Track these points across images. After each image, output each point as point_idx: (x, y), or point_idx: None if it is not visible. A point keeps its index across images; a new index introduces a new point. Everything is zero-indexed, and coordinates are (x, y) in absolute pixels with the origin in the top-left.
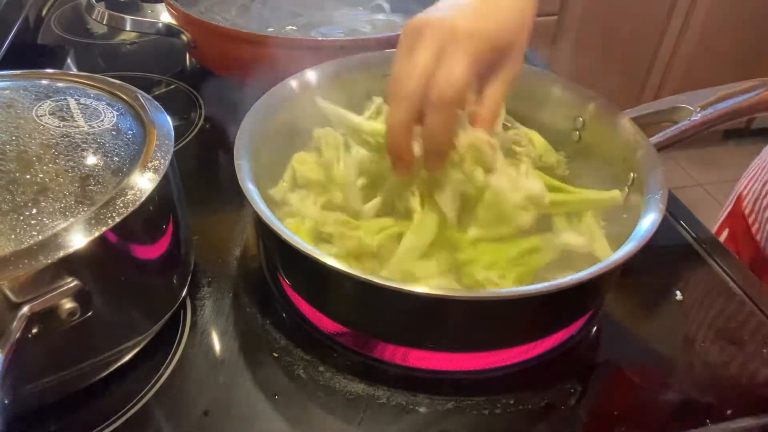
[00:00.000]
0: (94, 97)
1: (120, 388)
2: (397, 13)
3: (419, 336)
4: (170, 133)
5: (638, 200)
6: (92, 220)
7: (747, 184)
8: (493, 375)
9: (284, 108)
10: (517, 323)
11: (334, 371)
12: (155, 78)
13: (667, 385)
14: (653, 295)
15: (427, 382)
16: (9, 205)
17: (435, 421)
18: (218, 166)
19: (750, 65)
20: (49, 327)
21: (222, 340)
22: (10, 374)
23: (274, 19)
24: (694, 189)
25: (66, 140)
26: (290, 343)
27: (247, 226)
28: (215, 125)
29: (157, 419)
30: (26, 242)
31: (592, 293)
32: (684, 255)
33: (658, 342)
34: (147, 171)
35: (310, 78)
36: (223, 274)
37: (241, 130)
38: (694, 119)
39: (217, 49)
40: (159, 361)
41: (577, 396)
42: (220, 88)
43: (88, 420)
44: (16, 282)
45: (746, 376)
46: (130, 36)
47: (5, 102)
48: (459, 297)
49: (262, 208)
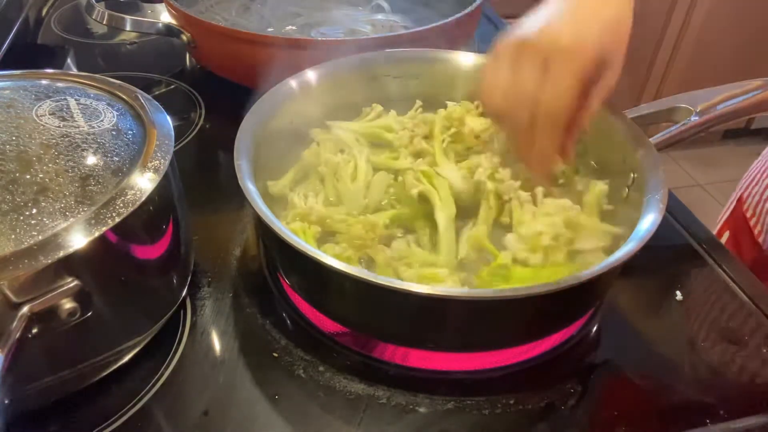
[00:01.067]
0: (94, 97)
1: (120, 388)
2: (397, 13)
3: (419, 336)
4: (170, 133)
5: (638, 200)
6: (92, 220)
7: (747, 186)
8: (493, 375)
9: (284, 108)
10: (517, 323)
11: (334, 371)
12: (155, 78)
13: (668, 385)
14: (653, 295)
15: (427, 382)
16: (9, 205)
17: (435, 421)
18: (218, 166)
19: (750, 65)
20: (49, 327)
21: (222, 340)
22: (10, 374)
23: (274, 19)
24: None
25: (66, 140)
26: (290, 343)
27: (247, 226)
28: (215, 125)
29: (157, 419)
30: (26, 242)
31: (592, 293)
32: (684, 255)
33: (658, 342)
34: (147, 171)
35: (310, 78)
36: (223, 274)
37: (241, 130)
38: (694, 119)
39: (217, 49)
40: (159, 361)
41: (577, 396)
42: (220, 88)
43: (88, 420)
44: (16, 282)
45: (746, 376)
46: (130, 36)
47: (5, 102)
48: (459, 297)
49: (262, 208)
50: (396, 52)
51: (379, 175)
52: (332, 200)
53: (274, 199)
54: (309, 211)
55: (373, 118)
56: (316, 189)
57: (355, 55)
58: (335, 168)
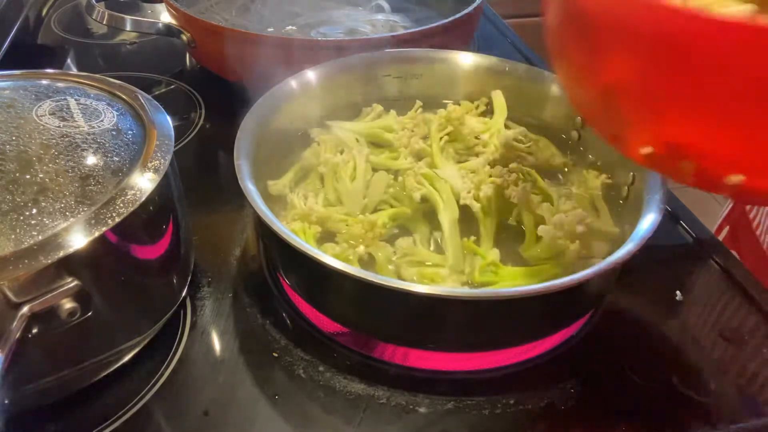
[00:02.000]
0: (94, 97)
1: (120, 388)
2: (397, 13)
3: (419, 336)
4: (170, 133)
5: (638, 200)
6: (92, 220)
7: None
8: (493, 375)
9: (284, 108)
10: (517, 323)
11: (334, 371)
12: (155, 78)
13: (668, 385)
14: (653, 295)
15: (427, 382)
16: (9, 205)
17: (435, 421)
18: (218, 166)
19: None
20: (49, 327)
21: (222, 340)
22: (10, 374)
23: (274, 19)
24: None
25: (66, 140)
26: (290, 343)
27: (247, 226)
28: (215, 125)
29: (157, 419)
30: (26, 242)
31: (592, 293)
32: (684, 255)
33: (658, 342)
34: (147, 171)
35: (310, 78)
36: (223, 274)
37: (241, 130)
38: None
39: (217, 49)
40: (159, 361)
41: (577, 396)
42: (220, 88)
43: (88, 420)
44: (16, 282)
45: (746, 376)
46: (130, 36)
47: (5, 102)
48: (459, 297)
49: (262, 208)
50: (396, 52)
51: (379, 174)
52: (332, 200)
53: (274, 199)
54: (309, 211)
55: (373, 118)
56: (316, 189)
57: (355, 55)
58: (335, 168)
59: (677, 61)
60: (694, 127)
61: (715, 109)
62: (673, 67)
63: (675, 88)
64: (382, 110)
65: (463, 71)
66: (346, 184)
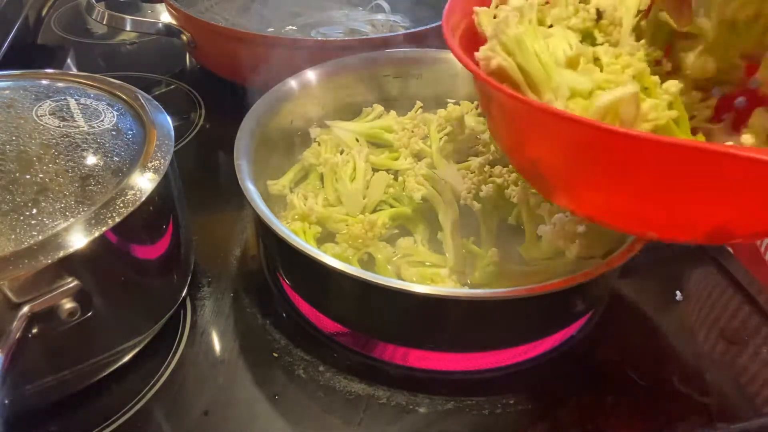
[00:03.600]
0: (94, 97)
1: (120, 388)
2: (397, 13)
3: (419, 336)
4: (170, 133)
5: None
6: (92, 220)
7: None
8: (493, 375)
9: (284, 108)
10: (517, 323)
11: (334, 371)
12: (155, 78)
13: (668, 385)
14: (653, 295)
15: (427, 382)
16: (9, 205)
17: (435, 421)
18: (218, 166)
19: None
20: (49, 327)
21: (222, 340)
22: (10, 374)
23: (274, 19)
24: None
25: (66, 140)
26: (290, 343)
27: (247, 226)
28: (215, 125)
29: (157, 419)
30: (26, 242)
31: (592, 293)
32: (684, 255)
33: (659, 342)
34: (147, 171)
35: (310, 78)
36: (223, 274)
37: (241, 130)
38: None
39: (217, 49)
40: (159, 361)
41: (577, 396)
42: (220, 88)
43: (88, 420)
44: (16, 282)
45: (747, 376)
46: (130, 36)
47: (5, 102)
48: (459, 297)
49: (262, 208)
50: (396, 52)
51: (379, 174)
52: (332, 200)
53: (274, 199)
54: (309, 211)
55: (373, 118)
56: (316, 189)
57: (355, 55)
58: (335, 168)
59: (572, 152)
60: (598, 198)
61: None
62: (573, 155)
63: (578, 171)
64: (382, 110)
65: (463, 71)
66: (345, 184)
